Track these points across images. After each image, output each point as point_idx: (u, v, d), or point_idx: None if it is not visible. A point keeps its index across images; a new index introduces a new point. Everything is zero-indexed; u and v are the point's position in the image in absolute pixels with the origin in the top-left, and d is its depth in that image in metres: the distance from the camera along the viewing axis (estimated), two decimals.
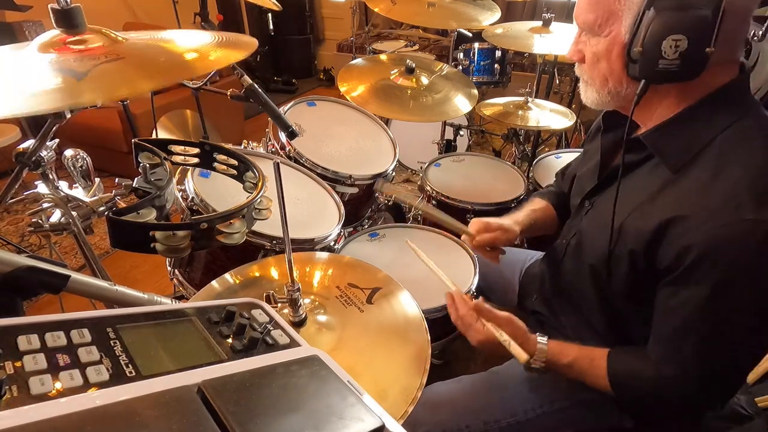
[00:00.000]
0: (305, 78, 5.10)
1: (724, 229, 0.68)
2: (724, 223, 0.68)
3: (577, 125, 2.87)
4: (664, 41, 0.69)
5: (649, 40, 0.70)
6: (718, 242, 0.69)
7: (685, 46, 0.68)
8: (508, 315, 0.88)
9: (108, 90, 0.64)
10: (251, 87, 1.24)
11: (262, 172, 0.81)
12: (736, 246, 0.68)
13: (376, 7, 1.92)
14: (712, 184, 0.72)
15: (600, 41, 0.79)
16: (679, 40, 0.68)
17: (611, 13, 0.75)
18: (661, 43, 0.69)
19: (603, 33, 0.78)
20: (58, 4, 0.69)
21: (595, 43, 0.80)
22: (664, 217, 0.74)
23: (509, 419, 0.95)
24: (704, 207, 0.71)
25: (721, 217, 0.69)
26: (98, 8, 2.04)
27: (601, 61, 0.80)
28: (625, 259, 0.81)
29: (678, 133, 0.78)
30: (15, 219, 2.63)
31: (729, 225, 0.68)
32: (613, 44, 0.77)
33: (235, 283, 0.90)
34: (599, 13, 0.77)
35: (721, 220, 0.69)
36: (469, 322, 0.90)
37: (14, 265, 0.56)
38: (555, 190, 1.26)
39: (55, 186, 0.88)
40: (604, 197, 0.94)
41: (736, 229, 0.68)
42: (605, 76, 0.81)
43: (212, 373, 0.38)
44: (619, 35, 0.75)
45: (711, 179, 0.72)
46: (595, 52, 0.80)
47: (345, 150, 1.59)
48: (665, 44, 0.69)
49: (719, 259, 0.69)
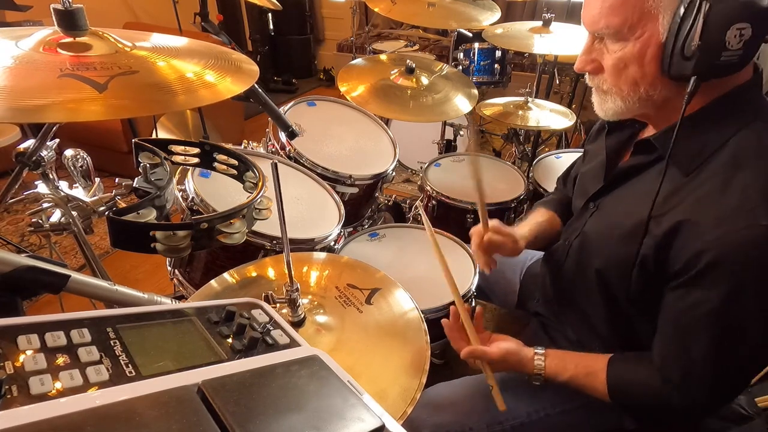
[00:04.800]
0: (305, 78, 5.09)
1: (737, 234, 0.68)
2: (738, 228, 0.68)
3: (577, 125, 2.88)
4: (728, 31, 0.65)
5: (711, 31, 0.65)
6: (731, 247, 0.68)
7: (750, 35, 0.65)
8: (501, 353, 0.88)
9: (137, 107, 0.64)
10: (251, 87, 1.24)
11: (262, 172, 0.81)
12: (749, 251, 0.67)
13: (376, 7, 1.92)
14: (725, 188, 0.70)
15: (628, 45, 0.74)
16: (744, 28, 0.65)
17: (643, 13, 0.71)
18: (725, 33, 0.65)
19: (634, 35, 0.73)
20: (62, 5, 0.69)
21: (620, 48, 0.76)
22: (675, 220, 0.73)
23: (512, 422, 0.94)
24: (717, 211, 0.70)
25: (734, 222, 0.68)
26: (98, 8, 2.04)
27: (630, 66, 0.76)
28: (634, 262, 0.80)
29: (690, 135, 0.75)
30: (15, 219, 2.63)
31: (742, 230, 0.67)
32: (646, 45, 0.73)
33: (234, 282, 0.90)
34: (628, 15, 0.72)
35: (735, 225, 0.68)
36: (463, 356, 0.90)
37: (14, 265, 0.56)
38: (558, 197, 1.24)
39: (55, 186, 0.88)
40: (610, 199, 0.92)
41: (749, 234, 0.67)
42: (635, 80, 0.76)
43: (212, 373, 0.38)
44: (654, 35, 0.72)
45: (724, 183, 0.71)
46: (621, 58, 0.76)
47: (345, 150, 1.59)
48: (730, 34, 0.65)
49: (732, 264, 0.68)
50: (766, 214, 0.67)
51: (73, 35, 0.71)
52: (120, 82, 0.65)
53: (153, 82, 0.70)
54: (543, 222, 1.18)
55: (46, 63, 0.66)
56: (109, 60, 0.69)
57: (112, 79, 0.64)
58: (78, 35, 0.72)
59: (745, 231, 0.67)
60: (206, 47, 0.85)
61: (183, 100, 0.69)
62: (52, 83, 0.62)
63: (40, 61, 0.66)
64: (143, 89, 0.68)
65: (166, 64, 0.74)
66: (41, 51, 0.68)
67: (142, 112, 0.69)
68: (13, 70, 0.64)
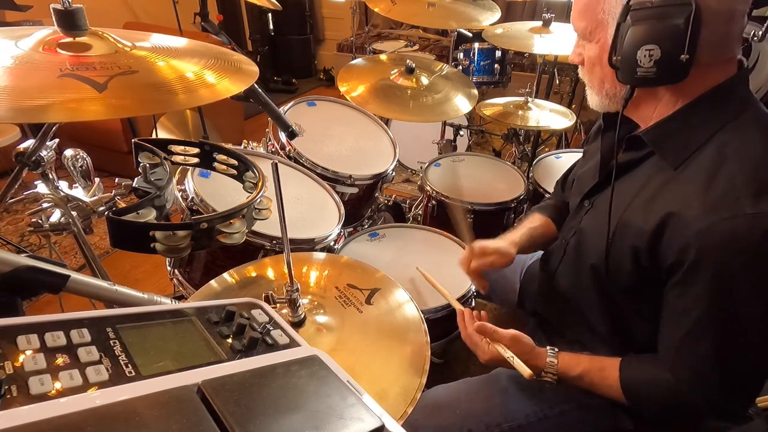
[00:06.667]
0: (305, 78, 5.09)
1: (723, 224, 0.68)
2: (724, 217, 0.68)
3: (577, 125, 2.87)
4: (638, 51, 0.72)
5: (626, 50, 0.73)
6: (717, 238, 0.69)
7: (659, 55, 0.71)
8: (513, 334, 0.88)
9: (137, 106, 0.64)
10: (251, 87, 1.24)
11: (262, 172, 0.81)
12: (736, 241, 0.68)
13: (376, 7, 1.92)
14: (711, 180, 0.72)
15: (593, 47, 0.83)
16: (652, 49, 0.71)
17: (599, 22, 0.79)
18: (636, 52, 0.72)
19: (594, 39, 0.82)
20: (61, 5, 0.69)
21: (590, 49, 0.84)
22: (664, 212, 0.74)
23: (511, 423, 0.94)
24: (703, 202, 0.71)
25: (719, 212, 0.69)
26: (98, 8, 2.04)
27: (596, 66, 0.84)
28: (628, 256, 0.81)
29: (677, 130, 0.79)
30: (15, 219, 2.63)
31: (728, 219, 0.68)
32: (603, 51, 0.80)
33: (233, 282, 0.90)
34: (588, 21, 0.81)
35: (720, 214, 0.69)
36: (475, 341, 0.91)
37: (14, 265, 0.56)
38: (554, 202, 1.24)
39: (55, 186, 0.88)
40: (604, 196, 0.93)
41: (735, 223, 0.68)
42: (601, 79, 0.84)
43: (212, 373, 0.38)
44: (606, 43, 0.78)
45: (709, 175, 0.72)
46: (590, 57, 0.84)
47: (345, 150, 1.59)
48: (640, 54, 0.72)
49: (719, 254, 0.69)
50: (751, 204, 0.67)
51: (73, 35, 0.71)
52: (120, 82, 0.65)
53: (153, 82, 0.70)
54: (537, 227, 1.18)
55: (46, 63, 0.66)
56: (109, 60, 0.69)
57: (111, 79, 0.64)
58: (78, 35, 0.72)
59: (731, 220, 0.68)
60: (206, 47, 0.85)
61: (183, 100, 0.69)
62: (52, 83, 0.62)
63: (39, 61, 0.66)
64: (143, 89, 0.67)
65: (166, 64, 0.74)
66: (41, 51, 0.68)
67: (142, 111, 0.69)
68: (13, 70, 0.64)
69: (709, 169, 0.73)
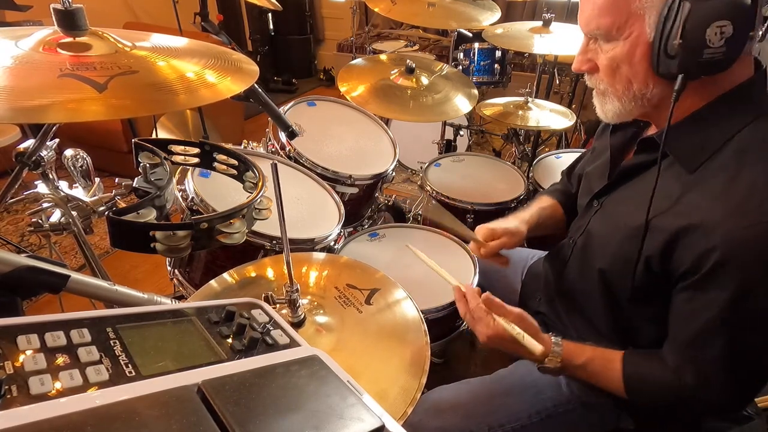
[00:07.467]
0: (305, 78, 5.09)
1: (745, 231, 0.67)
2: (746, 224, 0.67)
3: (577, 125, 2.88)
4: (708, 29, 0.66)
5: (690, 30, 0.67)
6: (740, 244, 0.67)
7: (731, 32, 0.65)
8: (519, 311, 0.86)
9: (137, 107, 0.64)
10: (251, 87, 1.24)
11: (262, 172, 0.81)
12: (759, 248, 0.67)
13: (376, 7, 1.92)
14: (731, 186, 0.70)
15: (618, 45, 0.76)
16: (725, 25, 0.65)
17: (631, 14, 0.73)
18: (705, 31, 0.66)
19: (623, 35, 0.75)
20: (61, 5, 0.69)
21: (612, 48, 0.77)
22: (680, 219, 0.72)
23: (514, 424, 0.94)
24: (724, 209, 0.69)
25: (741, 218, 0.68)
26: (98, 8, 2.04)
27: (622, 65, 0.77)
28: (639, 262, 0.79)
29: (693, 132, 0.76)
30: (15, 219, 2.63)
31: (751, 226, 0.67)
32: (635, 45, 0.74)
33: (233, 282, 0.90)
34: (616, 16, 0.74)
35: (743, 221, 0.67)
36: (479, 315, 0.86)
37: (14, 265, 0.56)
38: (562, 187, 1.24)
39: (55, 186, 0.88)
40: (614, 198, 0.92)
41: (758, 230, 0.67)
42: (628, 79, 0.78)
43: (212, 373, 0.38)
44: (642, 35, 0.73)
45: (729, 180, 0.70)
46: (613, 57, 0.77)
47: (345, 150, 1.59)
48: (710, 32, 0.66)
49: (742, 261, 0.68)
50: None
51: (73, 35, 0.71)
52: (120, 82, 0.65)
53: (153, 82, 0.69)
54: (546, 207, 1.18)
55: (46, 63, 0.66)
56: (109, 60, 0.69)
57: (112, 79, 0.64)
58: (78, 35, 0.72)
59: (753, 227, 0.67)
60: (206, 47, 0.85)
61: (183, 100, 0.69)
62: (52, 83, 0.62)
63: (39, 61, 0.66)
64: (143, 89, 0.67)
65: (166, 64, 0.74)
66: (41, 51, 0.68)
67: (142, 112, 0.69)
68: (13, 70, 0.64)
69: (728, 174, 0.71)
